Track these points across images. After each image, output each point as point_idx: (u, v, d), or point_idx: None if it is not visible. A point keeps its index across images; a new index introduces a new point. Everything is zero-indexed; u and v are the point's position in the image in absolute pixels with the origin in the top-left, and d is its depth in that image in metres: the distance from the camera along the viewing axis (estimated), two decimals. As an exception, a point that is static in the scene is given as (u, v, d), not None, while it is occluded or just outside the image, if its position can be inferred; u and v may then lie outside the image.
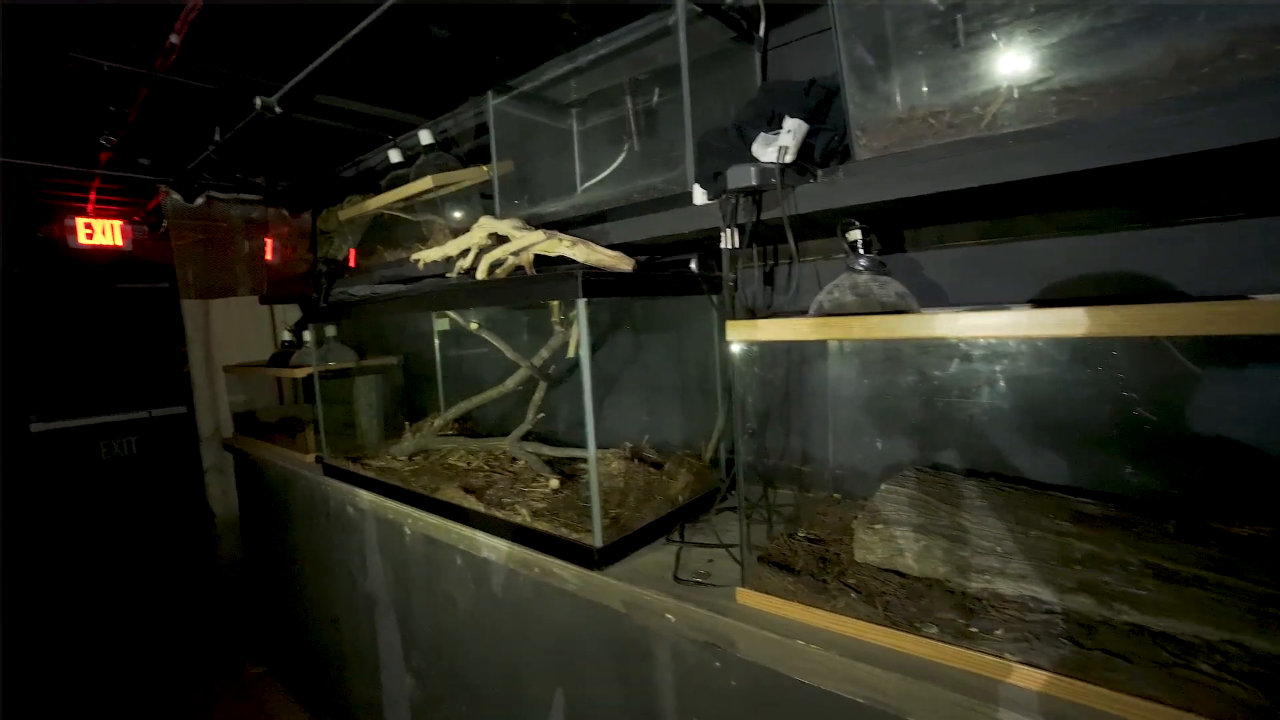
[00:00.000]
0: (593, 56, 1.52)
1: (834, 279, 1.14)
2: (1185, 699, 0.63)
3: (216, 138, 2.42)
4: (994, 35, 0.98)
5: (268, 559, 2.73)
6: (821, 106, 1.19)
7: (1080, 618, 0.77)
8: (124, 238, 3.47)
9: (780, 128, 1.12)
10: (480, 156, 2.32)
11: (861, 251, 1.08)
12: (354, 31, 1.59)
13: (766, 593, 0.96)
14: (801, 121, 1.05)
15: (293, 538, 2.40)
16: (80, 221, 3.32)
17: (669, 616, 1.04)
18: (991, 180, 0.91)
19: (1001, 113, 0.95)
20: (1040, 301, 1.12)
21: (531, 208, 1.72)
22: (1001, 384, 1.10)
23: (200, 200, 3.14)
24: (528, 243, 1.36)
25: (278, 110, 2.04)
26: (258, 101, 2.02)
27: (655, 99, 1.76)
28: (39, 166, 2.74)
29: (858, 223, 1.09)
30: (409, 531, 1.67)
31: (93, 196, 3.22)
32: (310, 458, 2.24)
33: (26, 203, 3.18)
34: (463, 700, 1.60)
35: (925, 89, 1.04)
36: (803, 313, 1.26)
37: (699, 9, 1.34)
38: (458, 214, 2.15)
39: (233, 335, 3.34)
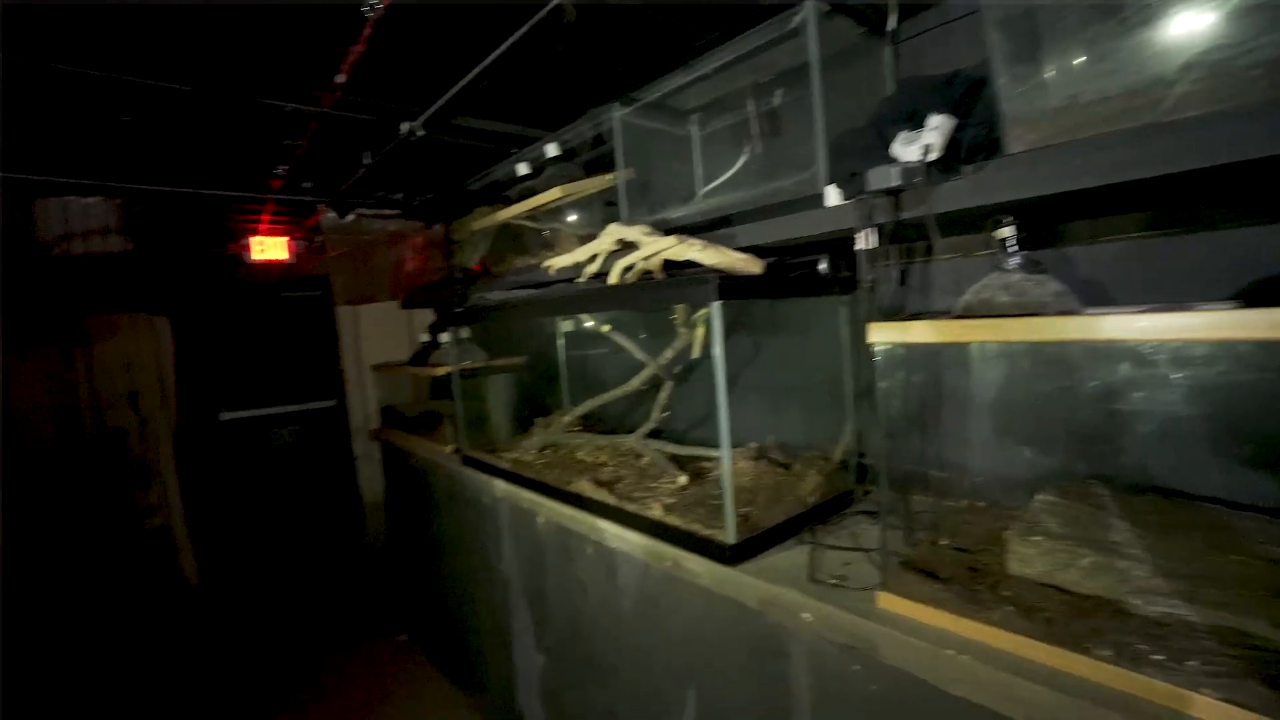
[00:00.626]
0: (716, 64, 1.54)
1: (976, 277, 1.09)
2: None
3: (366, 160, 2.70)
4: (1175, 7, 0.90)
5: (410, 539, 3.02)
6: (966, 99, 1.14)
7: (1292, 652, 0.69)
8: (288, 252, 3.94)
9: (920, 125, 1.09)
10: (599, 164, 2.43)
11: (1015, 248, 1.03)
12: (489, 59, 1.72)
13: (911, 599, 0.94)
14: (949, 117, 1.01)
15: (433, 521, 2.64)
16: (255, 240, 3.81)
17: (806, 616, 1.05)
18: (1175, 169, 0.83)
19: (1191, 93, 0.86)
20: (1245, 298, 1.01)
21: (654, 214, 1.77)
22: (1183, 392, 1.00)
23: (350, 217, 3.52)
24: (658, 248, 1.42)
25: (420, 134, 2.25)
26: (404, 127, 2.23)
27: (778, 100, 1.75)
28: (226, 195, 3.21)
29: (1011, 219, 1.04)
30: (542, 520, 1.78)
31: (265, 218, 3.69)
32: (449, 449, 2.44)
33: (217, 226, 3.71)
34: (593, 682, 1.69)
35: (1089, 73, 0.97)
36: (939, 313, 1.21)
37: (827, 7, 1.32)
38: (573, 217, 2.26)
39: (377, 337, 3.71)
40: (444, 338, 2.93)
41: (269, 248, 3.84)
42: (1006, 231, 1.03)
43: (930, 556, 1.03)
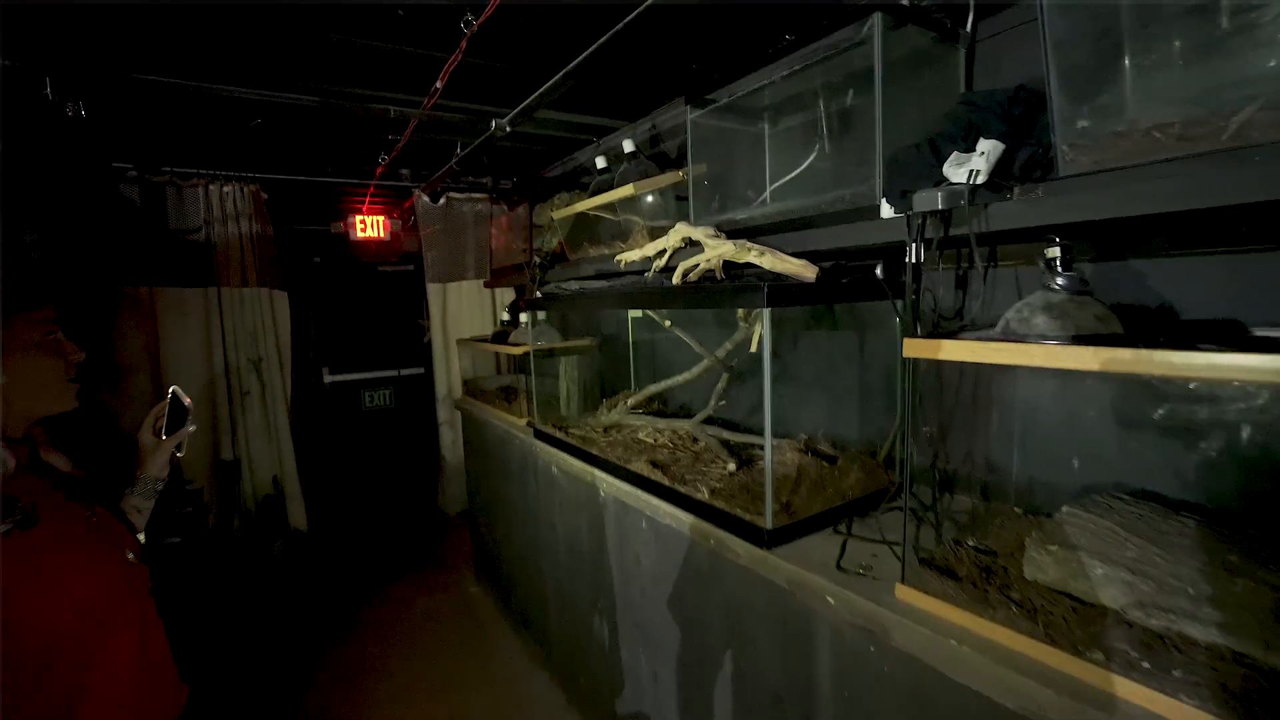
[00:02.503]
0: (787, 72, 1.60)
1: (1034, 285, 1.12)
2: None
3: (459, 151, 2.93)
4: (1241, 32, 0.89)
5: (485, 501, 3.30)
6: (1027, 116, 1.16)
7: (1283, 673, 0.73)
8: (385, 230, 4.29)
9: (977, 143, 1.12)
10: (670, 157, 2.52)
11: (1060, 269, 1.06)
12: (573, 64, 1.85)
13: (925, 592, 1.03)
14: (997, 143, 1.05)
15: (505, 486, 2.89)
16: (358, 219, 4.18)
17: (829, 600, 1.16)
18: (1232, 201, 0.85)
19: (1251, 121, 0.86)
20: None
21: (722, 214, 1.85)
22: (1230, 419, 1.01)
23: (442, 201, 3.80)
24: (719, 252, 1.51)
25: (508, 129, 2.42)
26: (493, 124, 2.41)
27: (849, 100, 1.78)
28: (336, 182, 3.56)
29: (1057, 239, 1.06)
30: (603, 494, 1.95)
31: (367, 200, 4.04)
32: (523, 422, 2.66)
33: (326, 207, 4.10)
34: (641, 646, 1.86)
35: (1148, 99, 0.97)
36: (994, 323, 1.25)
37: (893, 21, 1.35)
38: (648, 202, 2.36)
39: (463, 313, 4.00)
40: (523, 317, 3.15)
41: (369, 227, 4.20)
42: (1053, 252, 1.06)
43: (952, 555, 1.10)
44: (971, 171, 1.05)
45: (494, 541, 3.19)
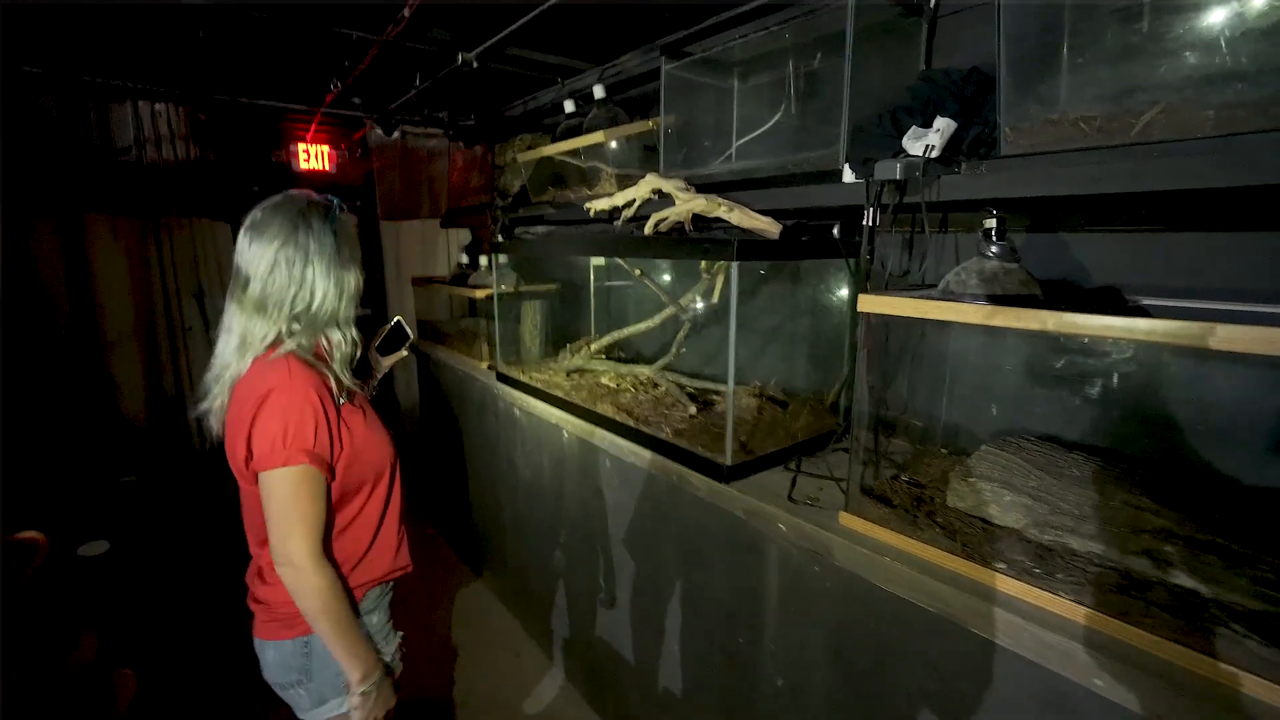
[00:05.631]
0: (763, 33, 1.64)
1: (968, 257, 1.26)
2: (1208, 645, 0.79)
3: (418, 83, 2.82)
4: (1155, 43, 1.01)
5: (440, 442, 3.35)
6: (978, 97, 1.26)
7: (1137, 575, 0.92)
8: (331, 163, 4.09)
9: (933, 119, 1.22)
10: (639, 103, 2.52)
11: (994, 239, 1.19)
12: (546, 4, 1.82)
13: (864, 519, 1.19)
14: (950, 121, 1.15)
15: (464, 427, 2.94)
16: (300, 148, 3.96)
17: (781, 526, 1.31)
18: (1129, 189, 0.99)
19: (1154, 122, 0.99)
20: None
21: (690, 168, 1.91)
22: (1120, 372, 1.19)
23: (396, 134, 3.64)
24: (690, 206, 1.58)
25: (475, 65, 2.36)
26: (460, 57, 2.35)
27: (817, 63, 1.84)
28: (281, 107, 3.34)
29: (994, 211, 1.19)
30: (566, 434, 2.05)
31: (313, 129, 3.83)
32: (484, 365, 2.70)
33: (267, 133, 3.86)
34: (599, 573, 2.01)
35: (1079, 92, 1.09)
36: (930, 285, 1.39)
37: (866, -9, 1.41)
38: (613, 146, 2.37)
39: (416, 252, 3.92)
40: (482, 260, 3.13)
41: (314, 157, 3.99)
42: (990, 223, 1.19)
43: (888, 488, 1.27)
44: (927, 146, 1.15)
45: (448, 481, 3.26)
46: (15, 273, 2.68)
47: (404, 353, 1.71)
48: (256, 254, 1.13)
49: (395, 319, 1.69)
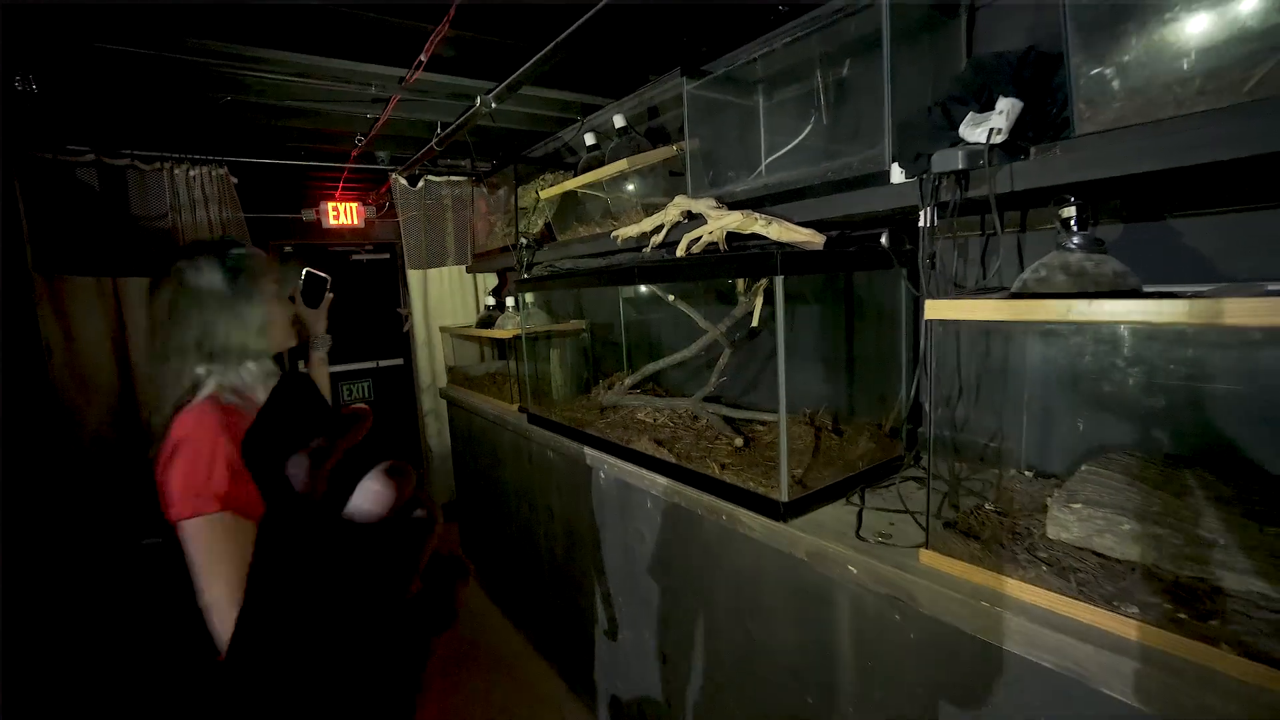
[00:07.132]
0: (787, 40, 1.57)
1: (1039, 254, 1.12)
2: None
3: (439, 132, 2.84)
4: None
5: (474, 489, 3.25)
6: (1038, 77, 1.15)
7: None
8: (359, 218, 4.16)
9: (990, 105, 1.11)
10: (662, 132, 2.47)
11: (1075, 228, 1.05)
12: (562, 36, 1.79)
13: (951, 555, 1.02)
14: (1016, 100, 1.04)
15: (497, 473, 2.84)
16: (330, 205, 4.04)
17: (851, 569, 1.15)
18: (1245, 153, 0.85)
19: (1269, 77, 0.86)
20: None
21: (719, 186, 1.82)
22: (1245, 370, 1.02)
23: (420, 184, 3.69)
24: (725, 223, 1.48)
25: (493, 106, 2.35)
26: (477, 100, 2.34)
27: (846, 71, 1.75)
28: (308, 165, 3.43)
29: (1072, 199, 1.06)
30: (604, 475, 1.92)
31: (340, 185, 3.91)
32: (515, 407, 2.61)
33: (296, 191, 3.95)
34: (645, 625, 1.84)
35: (1169, 54, 0.97)
36: (1001, 288, 1.25)
37: (900, -15, 1.33)
38: (635, 186, 2.33)
39: (444, 300, 3.90)
40: (509, 302, 3.08)
41: (342, 213, 4.07)
42: (1069, 211, 1.05)
43: (973, 519, 1.10)
44: (992, 130, 1.03)
45: (484, 528, 3.15)
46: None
47: (330, 295, 1.69)
48: (157, 306, 1.19)
49: (305, 270, 1.61)
